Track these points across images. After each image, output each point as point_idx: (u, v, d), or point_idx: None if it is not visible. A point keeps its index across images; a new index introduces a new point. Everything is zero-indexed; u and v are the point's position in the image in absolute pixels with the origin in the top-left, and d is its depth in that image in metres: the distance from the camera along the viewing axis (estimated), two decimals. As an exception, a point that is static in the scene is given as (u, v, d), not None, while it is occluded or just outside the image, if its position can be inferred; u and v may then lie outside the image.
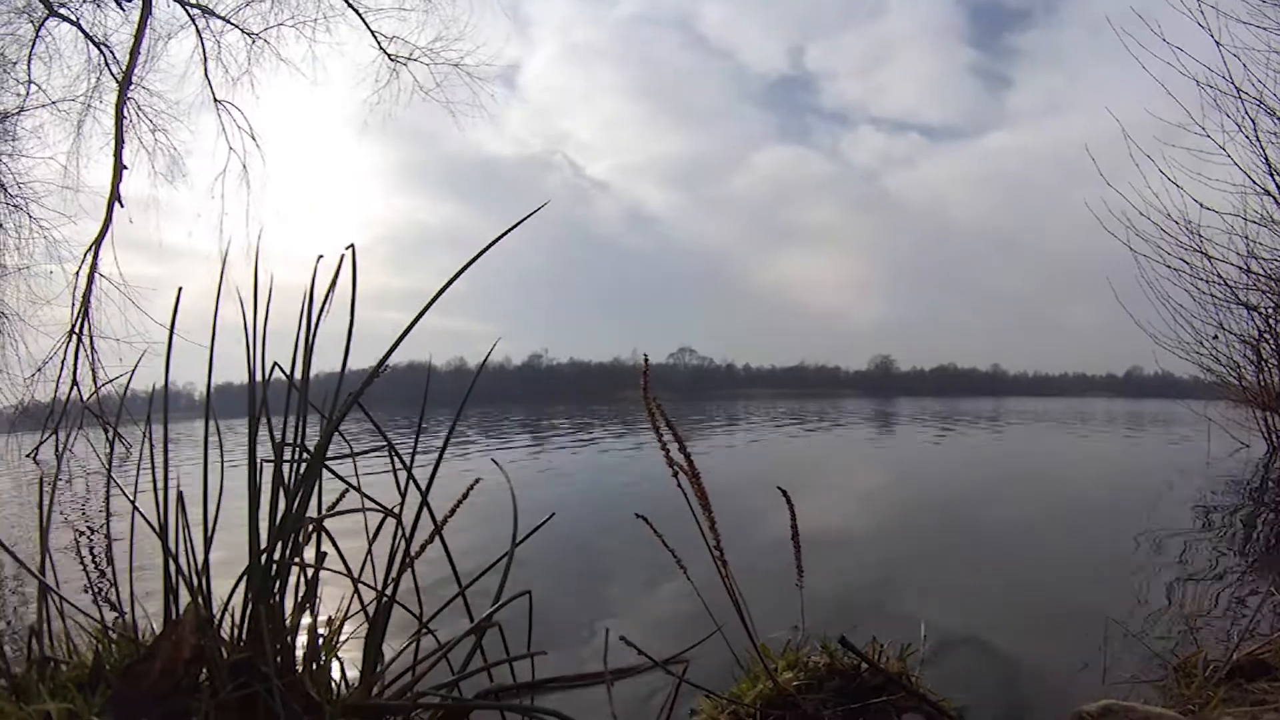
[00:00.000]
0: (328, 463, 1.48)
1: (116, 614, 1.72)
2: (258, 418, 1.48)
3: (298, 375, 1.54)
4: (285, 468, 1.47)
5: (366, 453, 1.62)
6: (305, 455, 1.47)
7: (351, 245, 1.50)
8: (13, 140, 9.92)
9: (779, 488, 1.69)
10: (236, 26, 11.88)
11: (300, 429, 1.49)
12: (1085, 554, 3.27)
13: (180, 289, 1.55)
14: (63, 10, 10.34)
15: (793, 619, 2.00)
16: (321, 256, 1.50)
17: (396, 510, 1.51)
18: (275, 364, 1.52)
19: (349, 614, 1.56)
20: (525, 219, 1.46)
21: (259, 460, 1.45)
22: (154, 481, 1.52)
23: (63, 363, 11.02)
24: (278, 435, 1.52)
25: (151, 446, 1.57)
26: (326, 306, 1.48)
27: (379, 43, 12.59)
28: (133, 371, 1.80)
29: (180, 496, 1.52)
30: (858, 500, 4.85)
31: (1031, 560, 3.20)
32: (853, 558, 3.13)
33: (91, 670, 1.64)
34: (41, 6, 10.06)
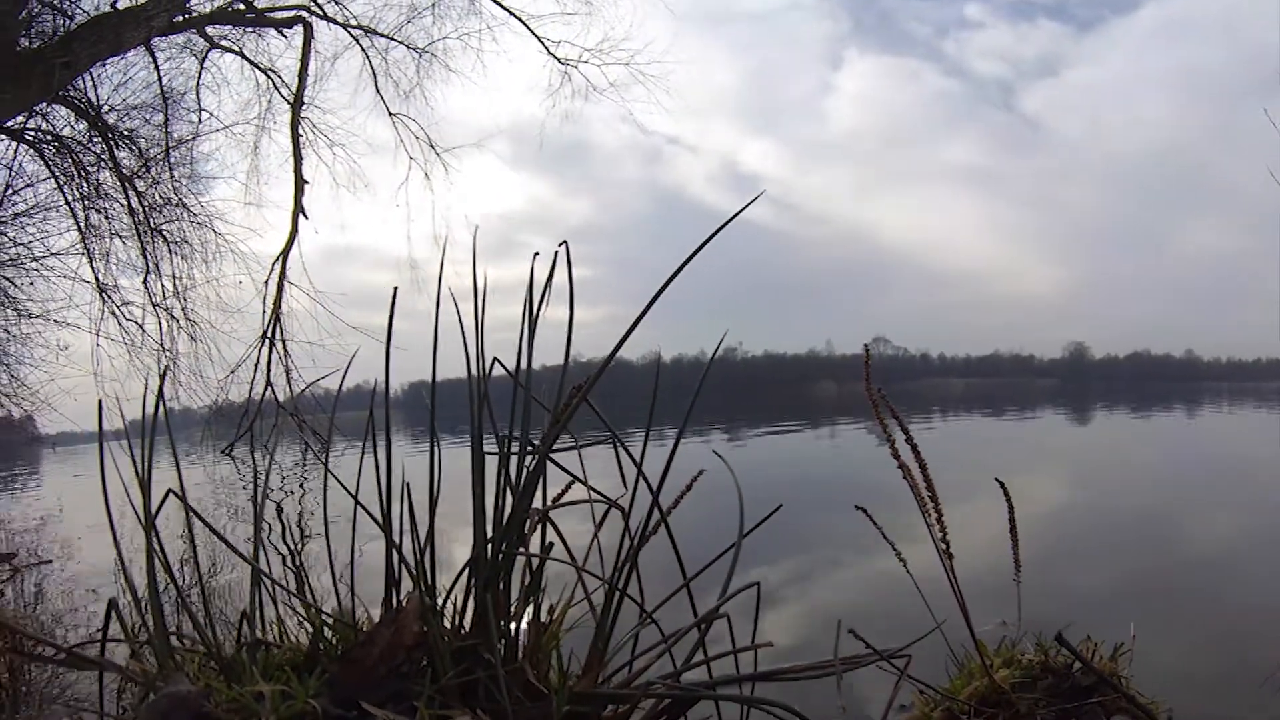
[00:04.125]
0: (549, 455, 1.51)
1: (332, 601, 1.77)
2: (481, 412, 1.51)
3: (477, 369, 1.57)
4: (509, 460, 1.50)
5: (590, 444, 1.65)
6: (530, 448, 1.50)
7: (564, 242, 1.53)
8: (191, 164, 10.38)
9: (997, 479, 1.69)
10: (401, 43, 12.12)
11: (525, 423, 1.52)
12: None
13: (396, 289, 1.59)
14: (224, 42, 10.77)
15: (995, 614, 1.99)
16: (537, 254, 1.53)
17: (619, 501, 1.54)
18: (496, 359, 1.55)
19: (572, 602, 1.60)
20: (743, 209, 1.47)
21: (483, 453, 1.49)
22: (376, 475, 1.56)
23: (256, 365, 11.56)
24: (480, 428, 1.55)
25: (374, 442, 1.61)
26: (545, 300, 1.51)
27: (547, 48, 12.55)
28: (345, 372, 1.85)
29: (406, 489, 1.56)
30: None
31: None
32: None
33: (307, 653, 1.69)
34: (202, 41, 10.48)
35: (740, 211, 1.47)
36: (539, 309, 1.53)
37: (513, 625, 1.56)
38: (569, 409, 1.50)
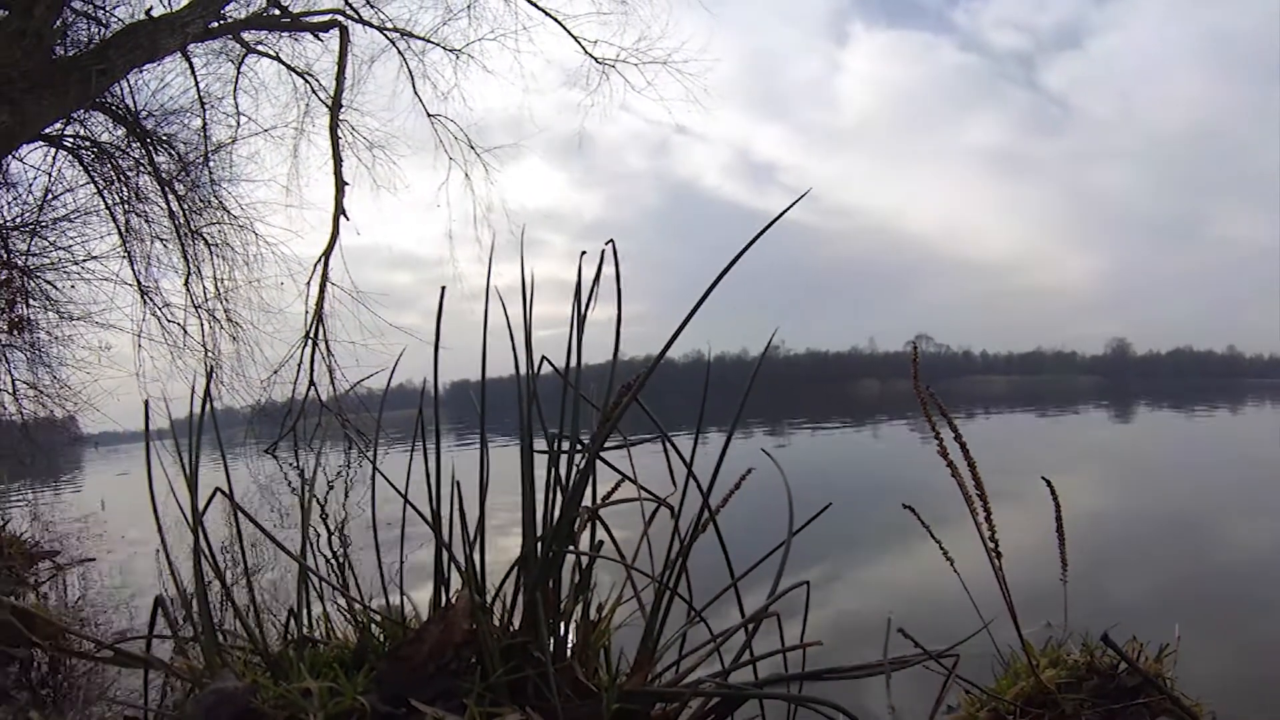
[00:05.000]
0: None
1: (378, 599, 1.78)
2: (530, 411, 1.51)
3: (526, 368, 1.57)
4: (558, 458, 1.50)
5: (639, 443, 1.65)
6: (579, 447, 1.50)
7: (611, 240, 1.52)
8: (230, 167, 10.55)
9: (1043, 478, 1.66)
10: (438, 45, 12.23)
11: (574, 421, 1.52)
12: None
13: (444, 288, 1.60)
14: (260, 47, 10.94)
15: (1035, 615, 1.96)
16: (584, 252, 1.52)
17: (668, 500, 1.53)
18: (544, 357, 1.55)
19: (621, 600, 1.60)
20: (788, 209, 1.45)
21: (533, 451, 1.49)
22: (426, 474, 1.57)
23: (299, 366, 11.73)
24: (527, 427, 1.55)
25: (424, 441, 1.62)
26: (593, 299, 1.51)
27: (584, 47, 12.56)
28: (392, 372, 1.87)
29: (456, 487, 1.57)
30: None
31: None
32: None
33: (355, 650, 1.70)
34: (238, 46, 10.64)
35: (785, 211, 1.45)
36: (587, 307, 1.53)
37: (562, 623, 1.56)
38: (620, 408, 1.50)
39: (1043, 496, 1.77)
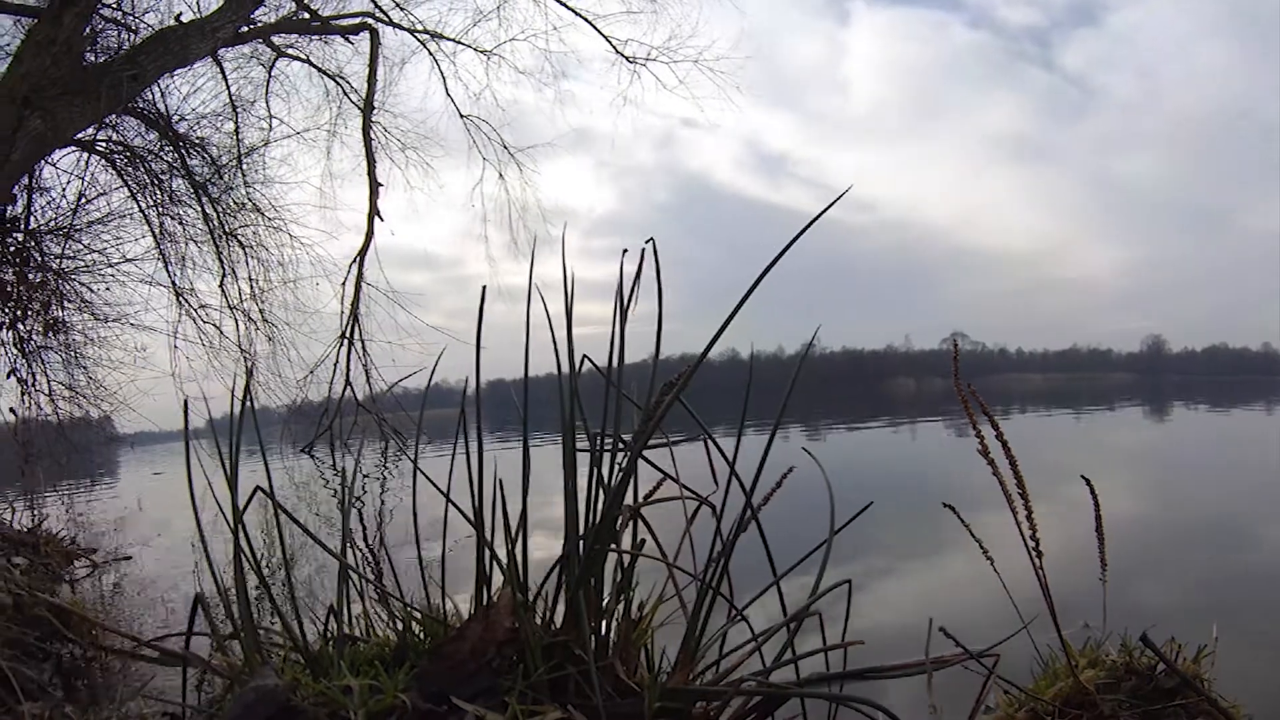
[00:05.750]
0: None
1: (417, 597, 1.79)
2: (573, 409, 1.51)
3: (568, 367, 1.57)
4: (600, 457, 1.50)
5: (681, 442, 1.64)
6: (621, 445, 1.50)
7: (651, 239, 1.52)
8: (263, 170, 10.61)
9: (1083, 476, 1.64)
10: (469, 46, 12.28)
11: (617, 420, 1.52)
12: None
13: (485, 287, 1.60)
14: (290, 51, 11.06)
15: (1071, 616, 1.93)
16: (626, 251, 1.52)
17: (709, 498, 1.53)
18: (585, 356, 1.56)
19: (663, 598, 1.59)
20: (828, 207, 1.44)
21: (575, 450, 1.49)
22: (469, 472, 1.57)
23: (335, 365, 11.87)
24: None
25: (467, 440, 1.62)
26: (634, 299, 1.51)
27: (614, 47, 12.55)
28: (433, 371, 1.88)
29: (499, 485, 1.57)
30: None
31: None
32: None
33: (396, 648, 1.71)
34: (268, 50, 10.77)
35: (826, 209, 1.44)
36: (628, 305, 1.53)
37: (603, 622, 1.55)
38: (663, 407, 1.50)
39: (1073, 497, 1.75)
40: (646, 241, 1.53)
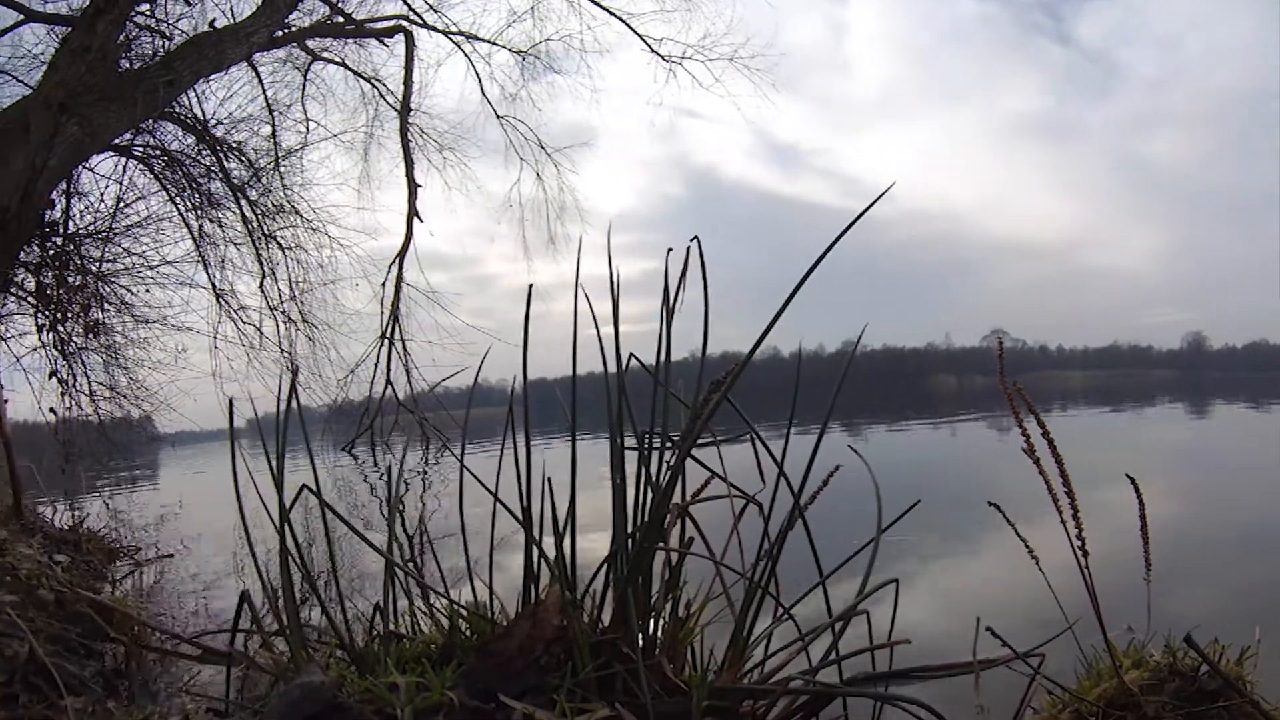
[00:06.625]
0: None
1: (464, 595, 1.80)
2: (621, 408, 1.51)
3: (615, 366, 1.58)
4: (648, 455, 1.50)
5: (729, 440, 1.64)
6: (670, 444, 1.50)
7: (696, 237, 1.52)
8: (301, 172, 10.75)
9: (1127, 475, 1.62)
10: (504, 47, 12.46)
11: (664, 418, 1.52)
12: None
13: (531, 286, 1.61)
14: (325, 54, 11.20)
15: (1112, 616, 1.91)
16: (670, 250, 1.53)
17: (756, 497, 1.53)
18: (632, 354, 1.56)
19: (710, 597, 1.59)
20: (872, 204, 1.42)
21: (623, 448, 1.49)
22: (517, 472, 1.58)
23: (375, 365, 12.06)
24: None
25: (515, 438, 1.63)
26: (680, 297, 1.51)
27: (650, 46, 12.74)
28: (478, 370, 1.90)
29: (548, 483, 1.58)
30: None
31: None
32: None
33: (443, 646, 1.72)
34: (303, 54, 10.91)
35: (869, 207, 1.42)
36: (675, 304, 1.53)
37: (651, 620, 1.56)
38: (711, 406, 1.50)
39: (1108, 500, 1.72)
40: (692, 240, 1.53)
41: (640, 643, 1.50)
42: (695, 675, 1.55)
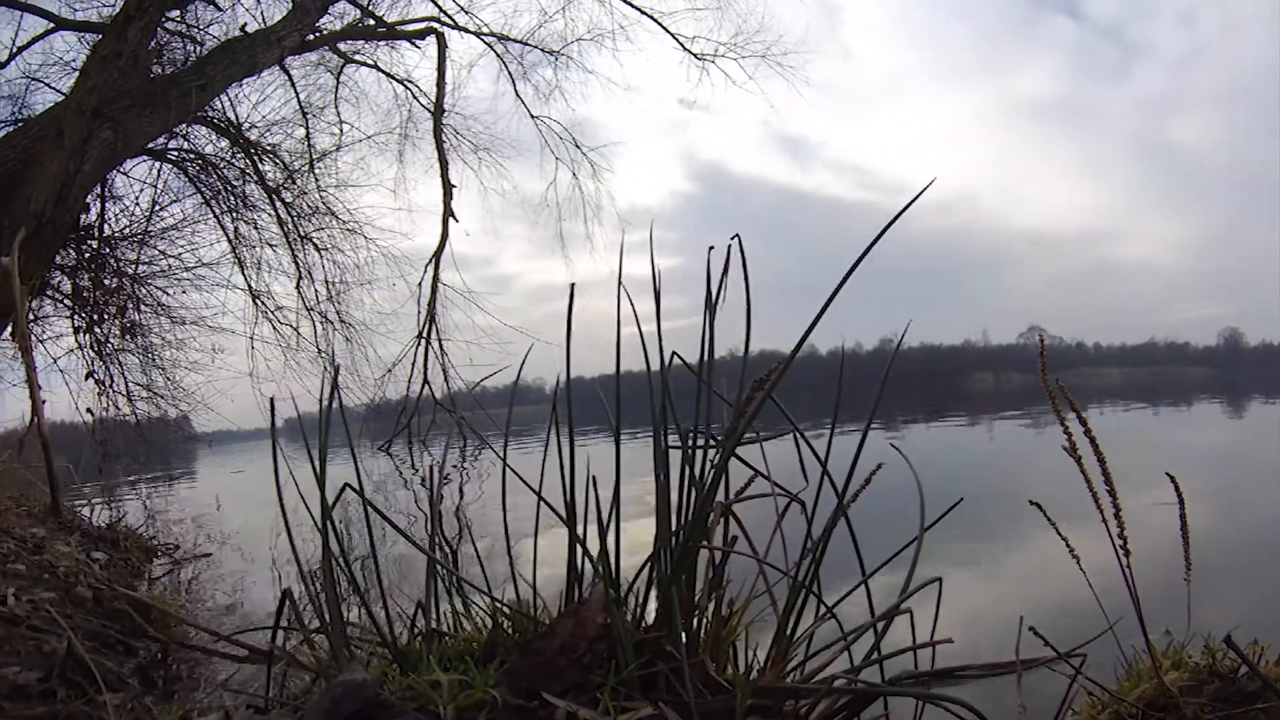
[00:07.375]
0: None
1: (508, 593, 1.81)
2: (664, 407, 1.52)
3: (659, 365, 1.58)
4: (692, 453, 1.51)
5: (772, 438, 1.64)
6: (713, 443, 1.51)
7: (737, 235, 1.52)
8: (336, 174, 10.84)
9: (1168, 474, 1.60)
10: (536, 47, 12.44)
11: (708, 416, 1.52)
12: None
13: (573, 285, 1.61)
14: (358, 57, 11.27)
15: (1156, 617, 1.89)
16: (712, 248, 1.53)
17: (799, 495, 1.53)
18: (674, 353, 1.56)
19: (754, 595, 1.59)
20: (915, 199, 1.42)
21: (667, 447, 1.50)
22: (561, 470, 1.59)
23: (413, 364, 12.12)
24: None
25: (559, 436, 1.64)
26: (722, 295, 1.51)
27: (682, 44, 12.66)
28: (520, 369, 1.91)
29: (592, 481, 1.58)
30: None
31: None
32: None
33: (485, 643, 1.73)
34: (336, 57, 10.99)
35: (910, 204, 1.42)
36: (717, 302, 1.53)
37: (694, 618, 1.56)
38: (755, 404, 1.50)
39: (1145, 501, 1.70)
40: (732, 238, 1.53)
41: (684, 641, 1.51)
42: (738, 674, 1.55)
